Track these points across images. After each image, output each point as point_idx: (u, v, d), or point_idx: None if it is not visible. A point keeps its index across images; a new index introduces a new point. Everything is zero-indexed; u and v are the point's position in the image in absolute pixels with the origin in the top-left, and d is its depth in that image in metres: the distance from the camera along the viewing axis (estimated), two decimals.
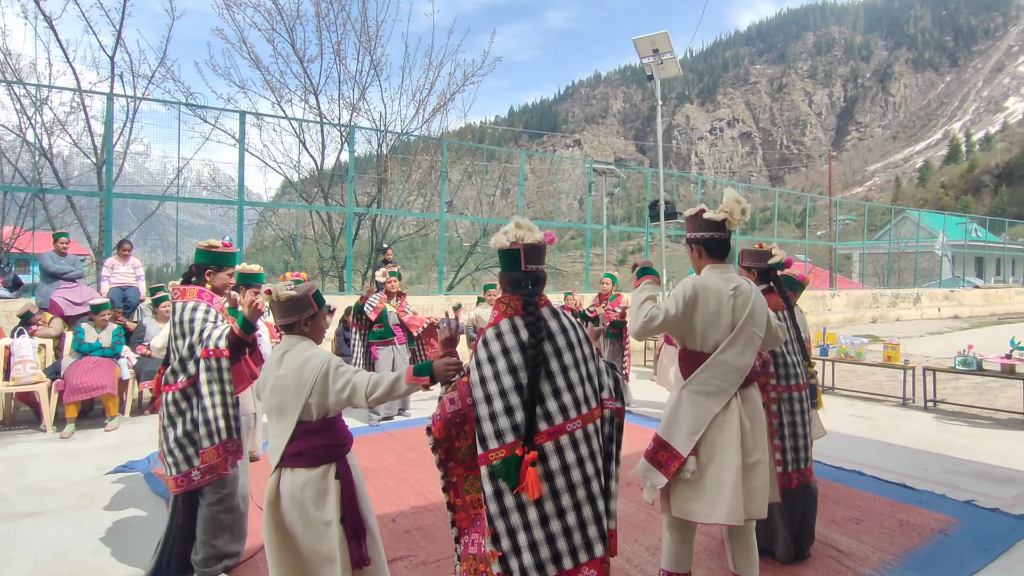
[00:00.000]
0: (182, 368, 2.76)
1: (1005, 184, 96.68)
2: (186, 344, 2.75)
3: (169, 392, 2.77)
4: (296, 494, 2.10)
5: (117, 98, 10.96)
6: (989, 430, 6.22)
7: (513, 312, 1.97)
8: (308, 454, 2.12)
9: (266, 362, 2.27)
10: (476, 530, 1.93)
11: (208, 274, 2.97)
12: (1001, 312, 24.80)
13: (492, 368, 1.88)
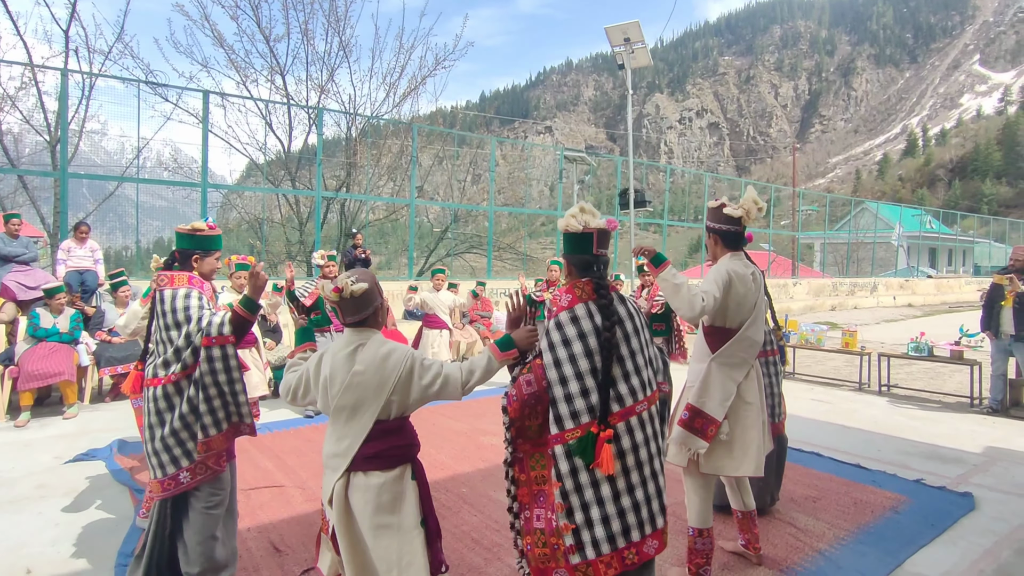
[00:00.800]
0: (176, 359, 2.55)
1: (958, 178, 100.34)
2: (182, 334, 2.55)
3: (158, 386, 2.54)
4: (372, 499, 1.97)
5: (72, 74, 10.50)
6: (938, 413, 6.51)
7: (587, 296, 2.04)
8: (386, 455, 2.01)
9: (327, 358, 2.08)
10: (540, 505, 1.99)
11: (195, 260, 2.77)
12: (952, 301, 25.84)
13: (567, 351, 1.95)
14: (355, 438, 2.00)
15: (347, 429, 2.01)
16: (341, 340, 2.09)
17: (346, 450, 1.99)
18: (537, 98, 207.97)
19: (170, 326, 2.58)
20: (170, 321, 2.58)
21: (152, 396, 2.55)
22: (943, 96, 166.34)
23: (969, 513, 3.74)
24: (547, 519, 1.95)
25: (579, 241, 2.13)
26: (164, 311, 2.60)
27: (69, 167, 9.09)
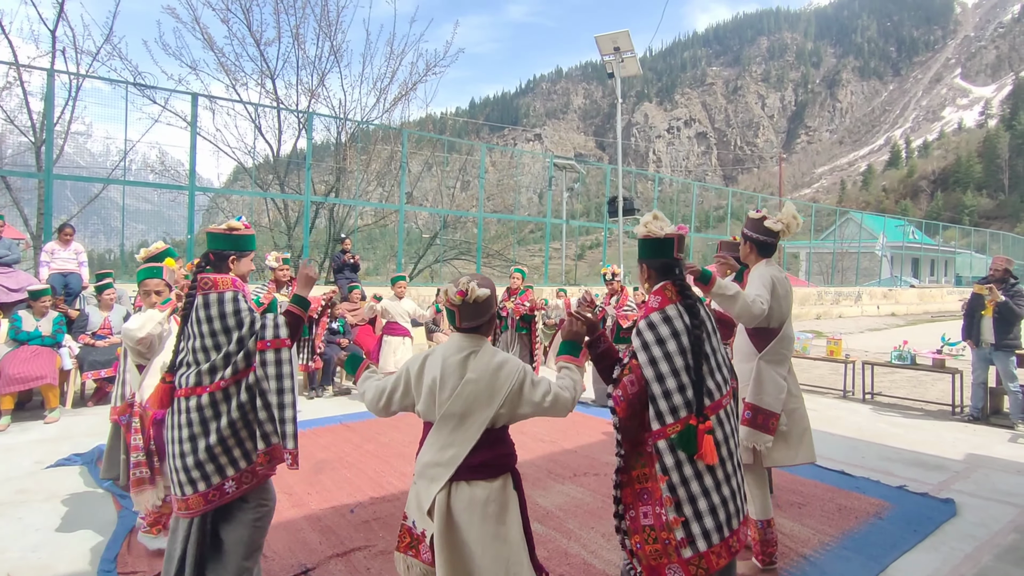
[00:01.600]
0: (224, 364, 2.39)
1: (940, 190, 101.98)
2: (233, 338, 2.41)
3: (203, 394, 2.36)
4: (478, 510, 1.91)
5: (58, 74, 10.40)
6: (920, 420, 6.60)
7: (675, 298, 2.17)
8: (492, 464, 1.97)
9: (434, 361, 2.02)
10: (645, 503, 2.05)
11: (232, 261, 2.60)
12: (934, 310, 26.22)
13: (662, 349, 2.06)
14: (461, 447, 1.94)
15: (453, 437, 1.95)
16: (451, 345, 2.04)
17: (451, 460, 1.94)
18: (527, 105, 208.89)
19: (217, 331, 2.41)
20: (218, 327, 2.41)
21: (196, 405, 2.36)
22: (926, 109, 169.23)
23: (951, 519, 3.79)
24: (655, 515, 2.02)
25: (660, 246, 2.26)
26: (210, 315, 2.41)
27: (54, 168, 8.99)
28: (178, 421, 2.38)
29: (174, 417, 2.40)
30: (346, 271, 10.07)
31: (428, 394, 1.99)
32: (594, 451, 5.16)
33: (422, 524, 1.98)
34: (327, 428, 5.75)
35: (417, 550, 1.99)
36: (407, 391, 2.07)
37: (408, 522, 2.03)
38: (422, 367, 2.05)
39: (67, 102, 11.14)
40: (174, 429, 2.39)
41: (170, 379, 2.41)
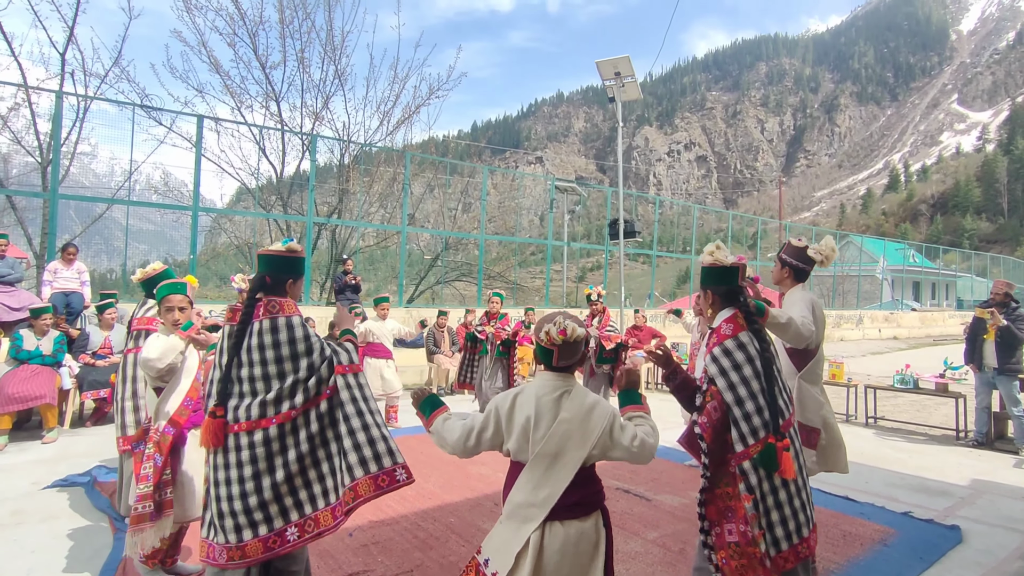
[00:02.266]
0: (292, 393, 2.22)
1: (940, 213, 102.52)
2: (303, 365, 2.26)
3: (270, 426, 2.17)
4: (570, 550, 1.89)
5: (67, 96, 10.55)
6: (924, 445, 6.54)
7: (745, 325, 2.30)
8: (586, 503, 1.95)
9: (527, 400, 2.00)
10: (729, 520, 2.16)
11: (289, 284, 2.44)
12: (936, 334, 26.15)
13: (740, 374, 2.20)
14: (555, 487, 1.92)
15: (546, 478, 1.93)
16: (544, 384, 2.02)
17: (545, 500, 1.91)
18: (528, 129, 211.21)
19: (285, 358, 2.25)
20: (286, 352, 2.25)
21: (262, 439, 2.17)
22: (923, 133, 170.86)
23: (957, 546, 3.74)
24: (740, 532, 2.12)
25: (726, 274, 2.40)
26: (278, 340, 2.25)
27: (59, 188, 9.06)
28: (236, 459, 2.17)
29: (229, 455, 2.18)
30: (347, 292, 10.08)
31: (521, 433, 1.96)
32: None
33: (497, 565, 1.92)
34: None
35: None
36: (497, 430, 2.03)
37: (480, 558, 1.98)
38: (513, 405, 2.02)
39: (74, 123, 11.30)
40: (230, 468, 2.17)
41: (221, 412, 2.18)
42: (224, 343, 2.29)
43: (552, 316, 2.03)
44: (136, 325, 3.74)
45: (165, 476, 2.88)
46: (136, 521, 2.78)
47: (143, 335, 3.65)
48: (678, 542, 3.70)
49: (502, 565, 1.90)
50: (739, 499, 2.12)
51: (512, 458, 2.02)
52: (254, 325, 2.25)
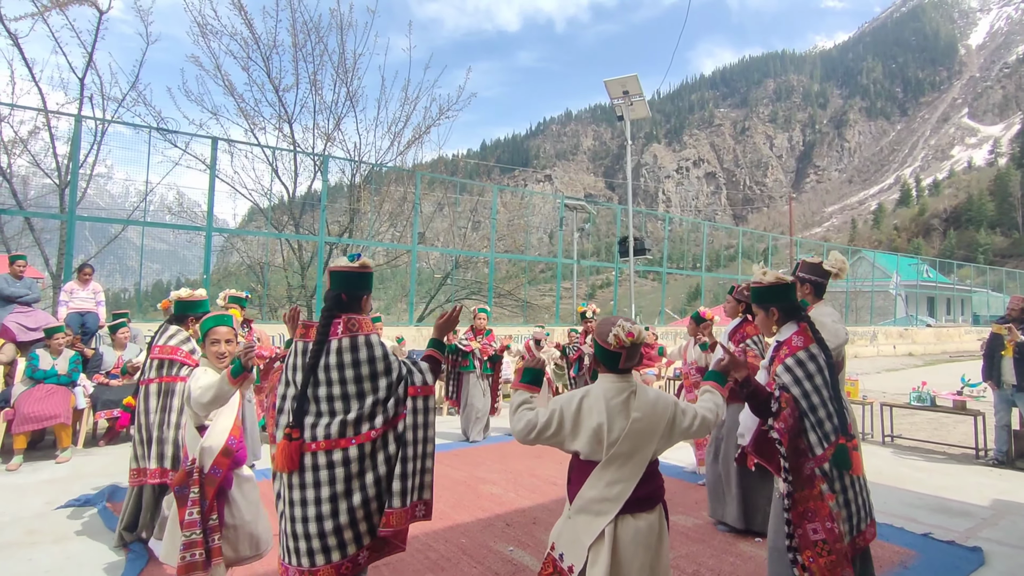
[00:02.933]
0: (373, 414, 2.17)
1: (953, 228, 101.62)
2: (382, 385, 2.22)
3: (350, 446, 2.11)
4: (642, 540, 2.01)
5: (85, 120, 10.78)
6: (943, 464, 6.42)
7: (813, 338, 2.52)
8: (653, 496, 2.07)
9: (594, 404, 2.07)
10: (811, 520, 2.32)
11: (364, 301, 2.40)
12: (952, 350, 25.77)
13: (812, 383, 2.42)
14: (628, 482, 2.03)
15: (620, 474, 2.03)
16: (609, 387, 2.09)
17: (618, 495, 2.01)
18: (537, 147, 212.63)
19: (364, 377, 2.20)
20: (366, 371, 2.20)
21: (341, 459, 2.12)
22: (934, 148, 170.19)
23: (979, 568, 3.65)
24: (826, 529, 2.28)
25: (787, 291, 2.66)
26: (358, 359, 2.19)
27: (76, 210, 9.23)
28: (313, 479, 2.10)
29: (305, 475, 2.11)
30: None
31: (592, 437, 2.04)
32: None
33: (572, 558, 2.02)
34: None
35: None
36: (559, 432, 2.09)
37: (555, 553, 2.07)
38: (579, 410, 2.08)
39: (92, 146, 11.53)
40: (306, 489, 2.10)
41: (297, 435, 2.13)
42: (295, 360, 2.25)
43: (612, 320, 2.10)
44: (158, 354, 3.60)
45: (212, 521, 2.69)
46: (186, 571, 2.61)
47: (166, 365, 3.57)
48: (692, 563, 3.65)
49: (577, 558, 2.01)
50: (820, 499, 2.31)
51: (582, 458, 2.09)
52: (332, 343, 2.20)
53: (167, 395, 3.51)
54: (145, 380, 3.60)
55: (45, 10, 11.24)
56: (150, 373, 3.59)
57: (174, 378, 3.54)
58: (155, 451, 3.45)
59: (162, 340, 3.62)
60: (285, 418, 2.19)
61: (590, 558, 1.98)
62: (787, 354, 2.49)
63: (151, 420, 3.49)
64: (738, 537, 4.10)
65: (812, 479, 2.32)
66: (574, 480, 2.11)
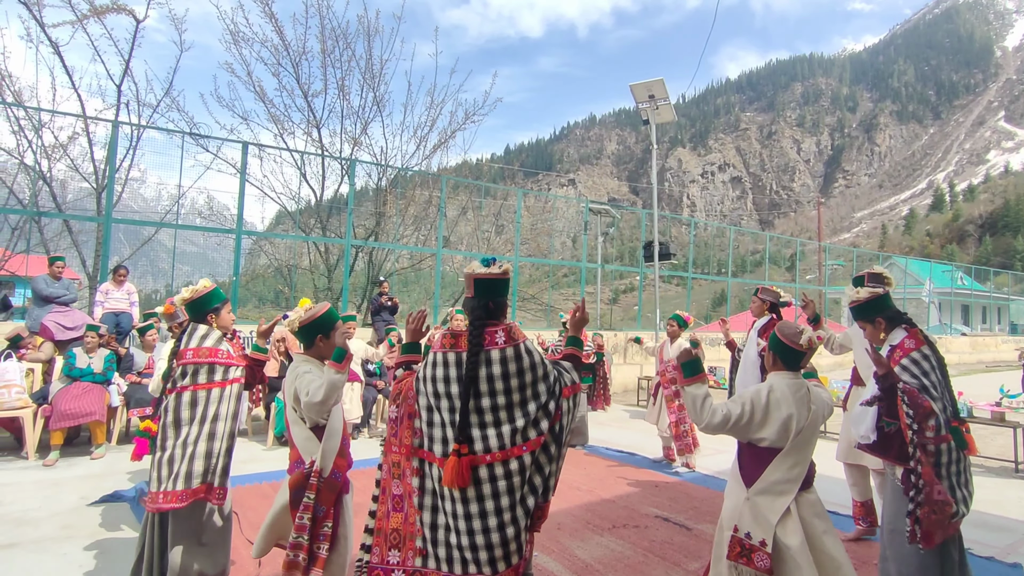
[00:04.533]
0: (542, 418, 2.17)
1: (989, 234, 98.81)
2: (542, 389, 2.20)
3: (524, 454, 2.11)
4: (818, 510, 2.45)
5: (122, 125, 11.08)
6: (981, 478, 6.20)
7: (924, 340, 2.90)
8: (811, 475, 2.51)
9: (782, 398, 2.43)
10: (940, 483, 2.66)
11: (507, 307, 2.37)
12: (988, 360, 25.01)
13: (929, 379, 2.79)
14: (804, 465, 2.44)
15: (801, 458, 2.43)
16: (792, 383, 2.48)
17: (798, 476, 2.41)
18: (561, 151, 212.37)
19: (527, 384, 2.17)
20: (528, 378, 2.16)
21: (517, 467, 2.09)
22: (969, 152, 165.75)
23: None
24: (944, 494, 2.64)
25: (884, 302, 3.12)
26: (522, 367, 2.15)
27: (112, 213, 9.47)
28: (490, 491, 2.06)
29: (480, 488, 2.07)
30: (384, 313, 10.21)
31: (781, 427, 2.40)
32: (633, 501, 5.01)
33: (761, 534, 2.36)
34: (361, 471, 5.73)
35: (749, 558, 2.35)
36: (748, 422, 2.44)
37: (739, 534, 2.41)
38: (768, 403, 2.44)
39: (127, 151, 11.83)
40: (482, 501, 2.06)
41: (466, 450, 2.07)
42: (439, 372, 2.16)
43: (797, 327, 2.54)
44: (192, 358, 3.05)
45: (325, 528, 2.52)
46: (289, 567, 2.47)
47: (204, 370, 3.05)
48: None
49: (766, 533, 2.35)
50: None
51: (764, 445, 2.43)
52: (492, 353, 2.13)
53: (207, 403, 3.01)
54: (176, 388, 3.01)
55: (84, 17, 11.59)
56: (183, 380, 3.03)
57: (214, 384, 3.06)
58: (192, 468, 2.90)
59: (195, 342, 3.10)
60: (440, 431, 2.14)
61: (778, 532, 2.34)
62: (901, 355, 2.87)
63: (186, 434, 2.95)
64: None
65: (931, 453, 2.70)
66: (748, 466, 2.47)
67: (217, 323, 3.21)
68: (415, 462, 2.19)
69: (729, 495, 2.54)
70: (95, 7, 11.63)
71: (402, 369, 2.46)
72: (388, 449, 2.30)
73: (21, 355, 6.44)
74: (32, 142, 11.63)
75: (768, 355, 2.61)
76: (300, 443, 2.61)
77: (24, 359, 6.45)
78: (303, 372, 2.62)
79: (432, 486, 2.14)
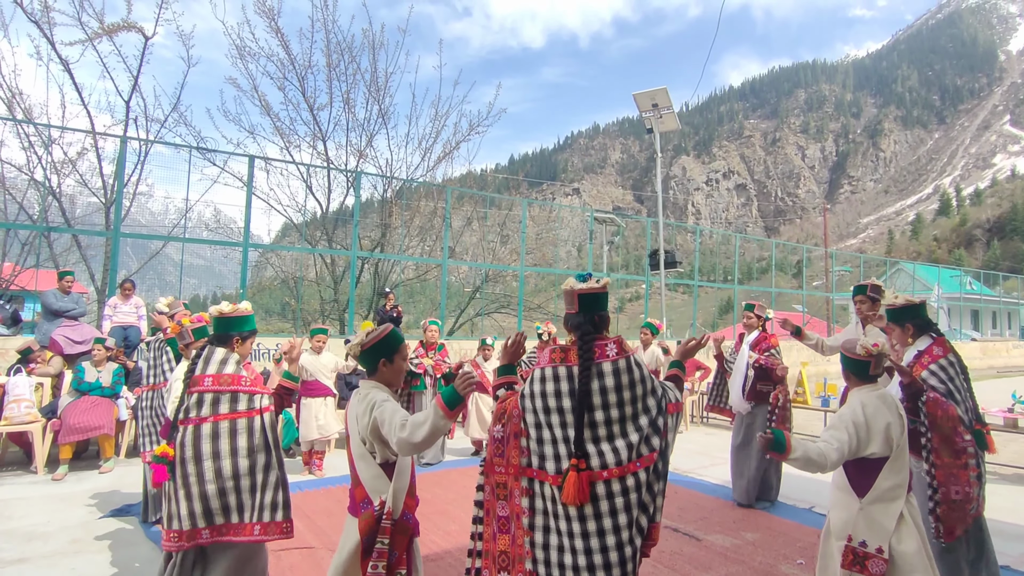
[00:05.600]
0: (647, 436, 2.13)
1: (997, 238, 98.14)
2: (652, 402, 2.19)
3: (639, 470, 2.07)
4: (919, 511, 2.63)
5: (130, 140, 11.19)
6: (994, 485, 6.12)
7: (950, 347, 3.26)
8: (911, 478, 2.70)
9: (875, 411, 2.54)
10: (954, 484, 2.97)
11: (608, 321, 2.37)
12: (999, 365, 24.77)
13: (954, 384, 3.09)
14: (907, 467, 2.57)
15: (902, 461, 2.54)
16: (881, 391, 2.65)
17: (904, 478, 2.53)
18: (565, 161, 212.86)
19: (638, 397, 2.15)
20: (639, 392, 2.15)
21: (633, 484, 2.05)
22: (975, 156, 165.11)
23: None
24: (964, 492, 2.94)
25: (919, 310, 3.39)
26: (633, 380, 2.13)
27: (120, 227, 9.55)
28: (608, 508, 2.02)
29: (598, 505, 2.03)
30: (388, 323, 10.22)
31: (884, 436, 2.51)
32: None
33: (878, 541, 2.45)
34: None
35: (863, 566, 2.45)
36: (858, 444, 2.50)
37: (853, 543, 2.49)
38: (866, 418, 2.53)
39: (135, 166, 11.94)
40: (600, 519, 2.02)
41: (584, 465, 2.03)
42: (549, 387, 2.13)
43: (852, 341, 2.71)
44: (212, 385, 2.78)
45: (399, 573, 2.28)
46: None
47: (225, 399, 2.79)
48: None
49: (883, 539, 2.45)
50: (964, 469, 2.95)
51: (873, 456, 2.51)
52: (604, 366, 2.11)
53: (232, 436, 2.74)
54: (193, 419, 2.74)
55: (95, 36, 11.75)
56: (199, 411, 2.75)
57: (238, 413, 2.79)
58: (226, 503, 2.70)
59: (212, 368, 2.82)
60: (551, 448, 2.10)
61: (892, 538, 2.44)
62: (929, 361, 3.15)
63: (210, 468, 2.68)
64: (779, 558, 3.98)
65: (961, 453, 2.95)
66: (856, 477, 2.55)
67: (239, 349, 3.00)
68: (524, 482, 2.14)
69: (837, 507, 2.61)
70: (105, 25, 11.79)
71: (504, 389, 2.41)
72: (490, 470, 2.24)
73: (31, 369, 6.49)
74: (42, 158, 11.76)
75: (844, 375, 2.78)
76: (368, 481, 2.33)
77: (33, 373, 6.49)
78: (381, 400, 2.32)
79: (543, 505, 2.09)
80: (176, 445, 2.71)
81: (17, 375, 6.21)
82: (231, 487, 2.71)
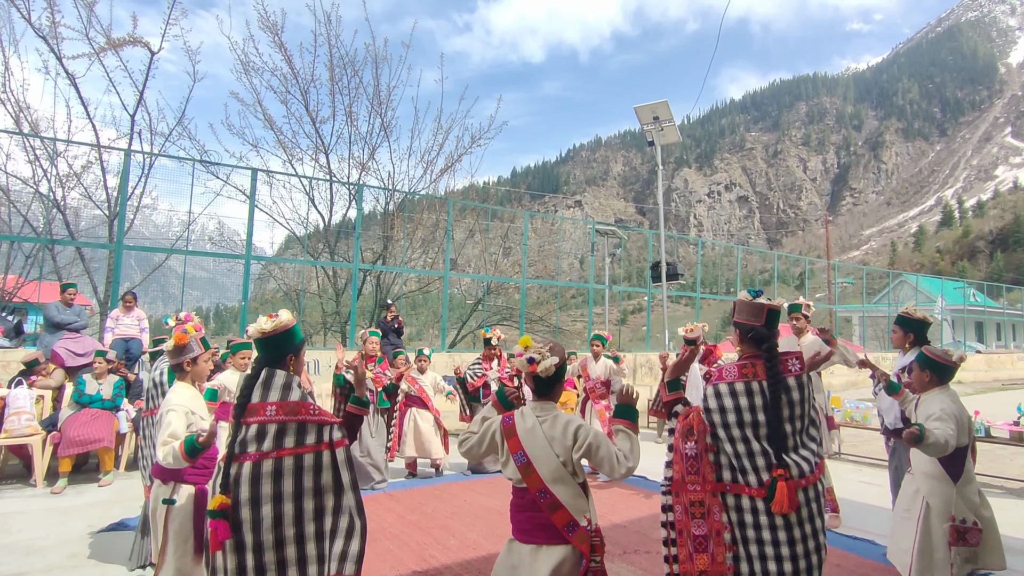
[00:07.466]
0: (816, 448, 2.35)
1: (1000, 250, 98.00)
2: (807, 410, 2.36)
3: (817, 481, 2.26)
4: None
5: (135, 154, 11.26)
6: (1001, 499, 6.06)
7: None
8: None
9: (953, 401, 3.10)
10: None
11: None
12: (1004, 378, 24.58)
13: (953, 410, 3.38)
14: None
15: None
16: (948, 394, 3.18)
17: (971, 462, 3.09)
18: (567, 173, 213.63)
19: (808, 411, 2.33)
20: (807, 406, 2.33)
21: (814, 495, 2.22)
22: (976, 168, 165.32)
23: None
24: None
25: (927, 326, 3.97)
26: (809, 394, 2.33)
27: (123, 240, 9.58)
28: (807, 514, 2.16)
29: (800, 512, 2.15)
30: (391, 336, 10.20)
31: (966, 429, 3.08)
32: (644, 526, 4.93)
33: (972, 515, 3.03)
34: (370, 497, 5.68)
35: (964, 539, 2.90)
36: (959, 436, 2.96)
37: (956, 522, 2.96)
38: (955, 414, 3.04)
39: (139, 179, 12.01)
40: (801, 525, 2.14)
41: (787, 475, 2.15)
42: (740, 401, 2.21)
43: (943, 349, 3.21)
44: (276, 415, 2.27)
45: None
46: None
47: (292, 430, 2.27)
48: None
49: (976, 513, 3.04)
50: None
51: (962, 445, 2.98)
52: (788, 380, 2.23)
53: (296, 474, 2.25)
54: (253, 455, 2.24)
55: (101, 50, 11.87)
56: (259, 444, 2.25)
57: (306, 448, 2.29)
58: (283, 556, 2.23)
59: (274, 394, 2.32)
60: (749, 461, 2.17)
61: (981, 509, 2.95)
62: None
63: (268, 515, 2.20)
64: None
65: None
66: (951, 465, 3.01)
67: (294, 367, 2.48)
68: (722, 497, 2.20)
69: (935, 494, 3.05)
70: (112, 40, 11.92)
71: (681, 405, 2.45)
72: (681, 489, 2.24)
73: (32, 382, 6.48)
74: (47, 171, 11.84)
75: (921, 375, 3.24)
76: (569, 501, 2.18)
77: (35, 386, 6.48)
78: (576, 421, 2.23)
79: (747, 519, 2.15)
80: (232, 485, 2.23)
81: (18, 387, 6.20)
82: (292, 536, 2.24)
